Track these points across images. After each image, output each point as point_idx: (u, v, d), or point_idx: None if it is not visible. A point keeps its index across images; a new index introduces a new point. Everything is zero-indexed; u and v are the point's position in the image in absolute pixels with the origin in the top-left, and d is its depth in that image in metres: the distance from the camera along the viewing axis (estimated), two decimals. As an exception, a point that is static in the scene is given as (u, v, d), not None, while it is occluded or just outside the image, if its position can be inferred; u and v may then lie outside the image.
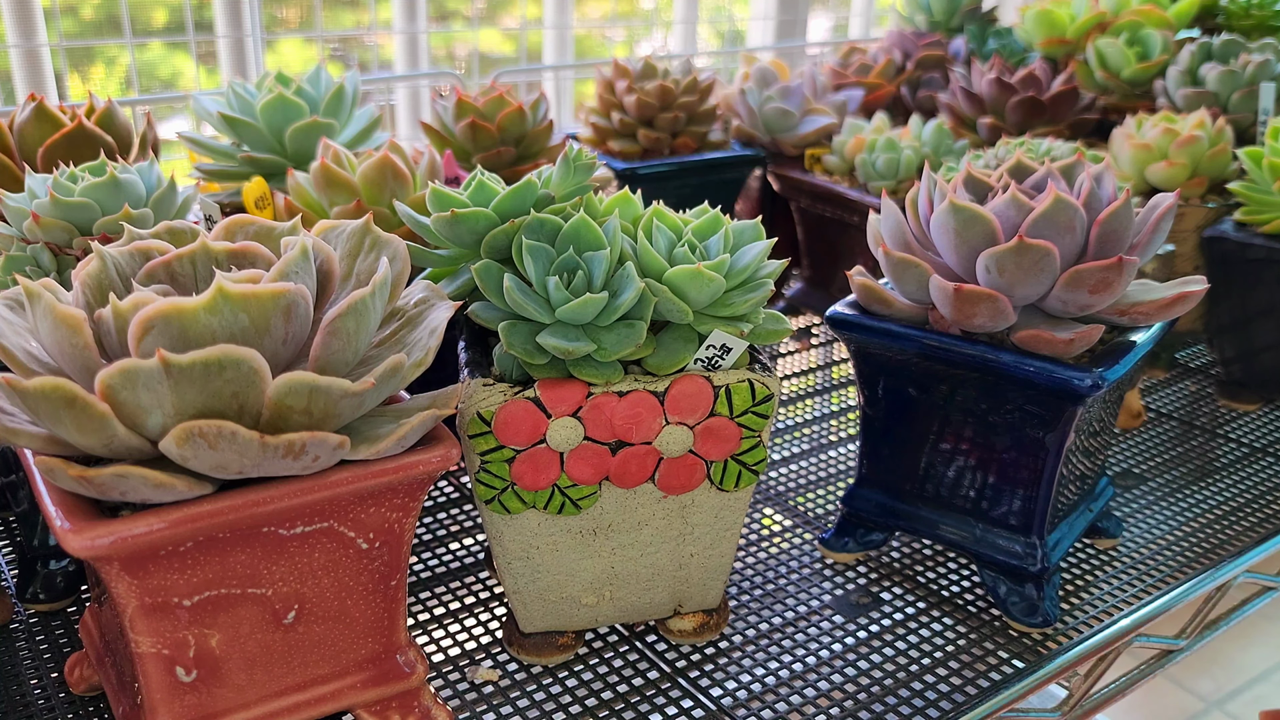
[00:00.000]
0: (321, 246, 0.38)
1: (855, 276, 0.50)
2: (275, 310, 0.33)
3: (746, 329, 0.42)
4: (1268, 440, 0.70)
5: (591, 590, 0.47)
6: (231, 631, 0.36)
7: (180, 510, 0.33)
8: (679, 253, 0.42)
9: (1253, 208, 0.69)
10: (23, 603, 0.50)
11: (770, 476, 0.64)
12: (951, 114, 0.89)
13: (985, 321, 0.46)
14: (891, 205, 0.49)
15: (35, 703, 0.44)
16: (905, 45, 1.03)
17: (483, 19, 1.20)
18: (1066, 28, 0.95)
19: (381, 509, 0.37)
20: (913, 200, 0.50)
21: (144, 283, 0.36)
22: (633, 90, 0.80)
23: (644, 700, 0.46)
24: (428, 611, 0.51)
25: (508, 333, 0.41)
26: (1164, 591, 0.53)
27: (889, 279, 0.49)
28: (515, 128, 0.70)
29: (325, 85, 0.69)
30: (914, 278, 0.47)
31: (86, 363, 0.32)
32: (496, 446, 0.41)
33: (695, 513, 0.46)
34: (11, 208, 0.48)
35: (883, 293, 0.49)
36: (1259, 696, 1.45)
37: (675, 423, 0.43)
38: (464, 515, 0.60)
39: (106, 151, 0.55)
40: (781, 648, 0.49)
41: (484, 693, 0.46)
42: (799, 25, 1.40)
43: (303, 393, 0.32)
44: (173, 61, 1.07)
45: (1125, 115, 0.79)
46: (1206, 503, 0.62)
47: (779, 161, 0.86)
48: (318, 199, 0.57)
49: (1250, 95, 0.81)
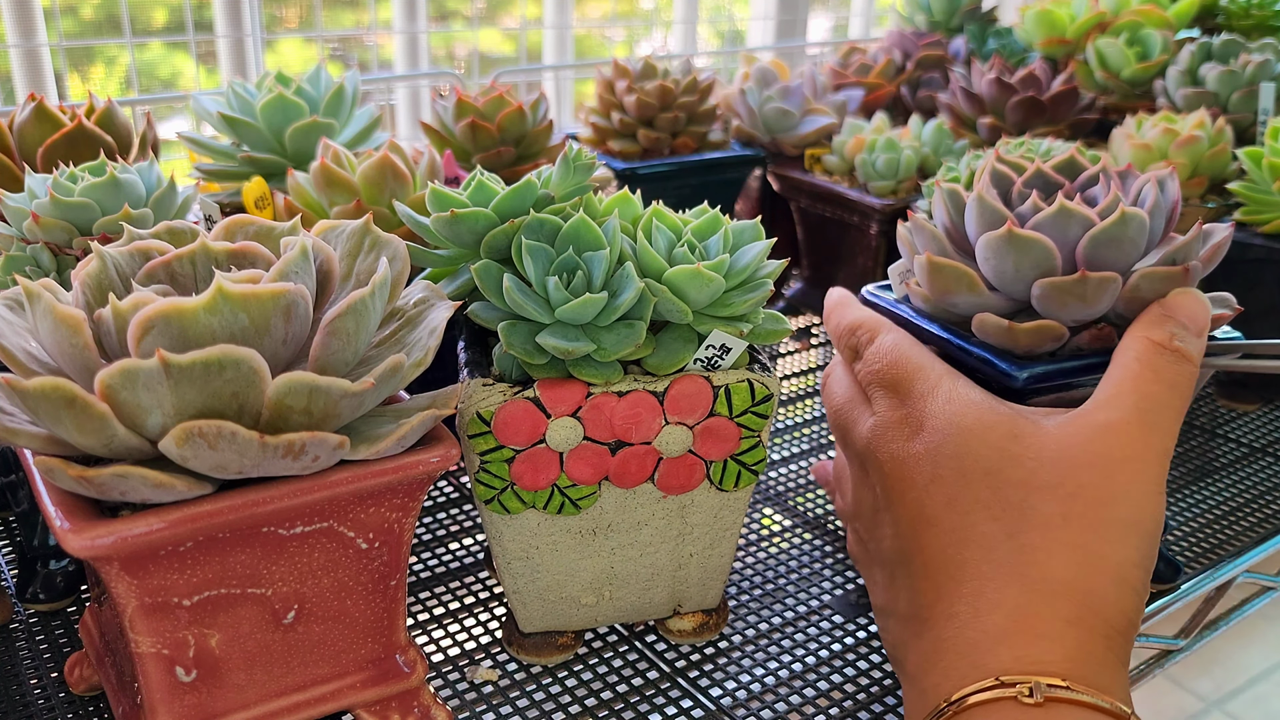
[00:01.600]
0: (321, 246, 0.38)
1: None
2: (275, 310, 0.33)
3: (746, 329, 0.42)
4: (1268, 440, 0.70)
5: (591, 590, 0.47)
6: (231, 631, 0.36)
7: (180, 510, 0.33)
8: (679, 253, 0.42)
9: (1252, 208, 0.69)
10: (23, 603, 0.50)
11: (770, 476, 0.64)
12: (951, 114, 0.89)
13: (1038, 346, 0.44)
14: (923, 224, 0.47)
15: (35, 703, 0.45)
16: (905, 45, 1.03)
17: (483, 19, 1.20)
18: (1066, 28, 0.95)
19: (381, 509, 0.37)
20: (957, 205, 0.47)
21: (144, 283, 0.36)
22: (633, 90, 0.80)
23: (644, 700, 0.46)
24: (427, 611, 0.51)
25: (507, 333, 0.41)
26: (1163, 591, 0.53)
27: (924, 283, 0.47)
28: (515, 128, 0.70)
29: (325, 85, 0.69)
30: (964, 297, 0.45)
31: (86, 363, 0.32)
32: (496, 446, 0.41)
33: (695, 513, 0.46)
34: (11, 208, 0.48)
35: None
36: (1259, 696, 1.45)
37: (675, 423, 0.43)
38: (464, 515, 0.60)
39: (106, 151, 0.55)
40: (781, 648, 0.49)
41: (484, 693, 0.46)
42: (799, 25, 1.40)
43: (303, 393, 0.32)
44: (173, 61, 1.07)
45: (1125, 115, 0.79)
46: (1206, 503, 0.62)
47: (779, 161, 0.86)
48: (318, 199, 0.57)
49: (1250, 95, 0.81)
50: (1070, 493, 0.38)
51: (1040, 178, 0.46)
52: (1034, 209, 0.44)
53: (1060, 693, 0.34)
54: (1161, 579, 0.53)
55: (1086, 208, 0.43)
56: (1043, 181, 0.46)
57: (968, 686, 0.35)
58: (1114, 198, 0.43)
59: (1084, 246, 0.42)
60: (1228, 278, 0.51)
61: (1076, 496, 0.38)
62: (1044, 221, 0.43)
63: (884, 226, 0.75)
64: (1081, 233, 0.42)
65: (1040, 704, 0.34)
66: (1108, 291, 0.42)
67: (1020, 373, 0.43)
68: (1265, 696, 1.45)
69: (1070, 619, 0.36)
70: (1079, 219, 0.42)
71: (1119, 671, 0.36)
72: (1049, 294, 0.42)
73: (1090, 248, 0.42)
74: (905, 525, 0.41)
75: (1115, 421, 0.39)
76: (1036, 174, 0.46)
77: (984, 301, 0.45)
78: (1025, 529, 0.38)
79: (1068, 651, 0.35)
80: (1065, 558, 0.37)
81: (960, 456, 0.40)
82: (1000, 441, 0.39)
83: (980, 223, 0.44)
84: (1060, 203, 0.42)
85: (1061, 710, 0.34)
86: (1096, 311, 0.43)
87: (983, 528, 0.38)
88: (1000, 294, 0.45)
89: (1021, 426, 0.40)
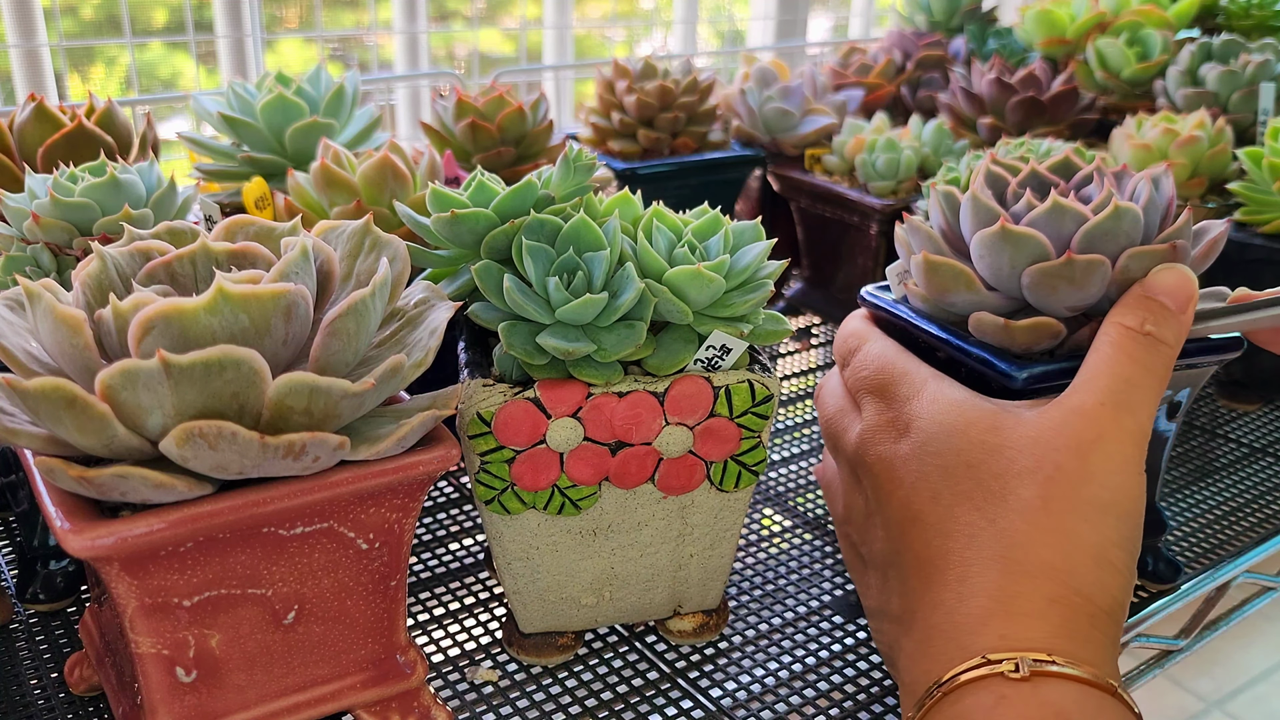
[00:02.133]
0: (321, 247, 0.38)
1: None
2: (275, 310, 0.33)
3: (746, 329, 0.42)
4: (1268, 440, 0.70)
5: (591, 591, 0.47)
6: (231, 632, 0.36)
7: (180, 510, 0.33)
8: (679, 253, 0.42)
9: (1252, 208, 0.69)
10: (23, 603, 0.50)
11: (770, 476, 0.64)
12: (951, 114, 0.89)
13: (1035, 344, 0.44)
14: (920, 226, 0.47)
15: (35, 703, 0.45)
16: (905, 45, 1.03)
17: (483, 19, 1.20)
18: (1066, 28, 0.95)
19: (381, 509, 0.37)
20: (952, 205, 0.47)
21: (144, 283, 0.36)
22: (633, 90, 0.80)
23: (644, 700, 0.46)
24: (427, 612, 0.51)
25: (508, 333, 0.41)
26: (1163, 591, 0.53)
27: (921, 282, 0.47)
28: (515, 128, 0.70)
29: (325, 85, 0.69)
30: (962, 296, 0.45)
31: (86, 363, 0.32)
32: (496, 447, 0.41)
33: (695, 513, 0.46)
34: (11, 208, 0.48)
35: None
36: (1259, 696, 1.45)
37: (675, 423, 0.43)
38: (464, 515, 0.60)
39: (106, 151, 0.55)
40: (781, 648, 0.49)
41: (484, 693, 0.46)
42: (799, 25, 1.40)
43: (303, 393, 0.32)
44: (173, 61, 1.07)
45: (1125, 115, 0.79)
46: (1206, 503, 0.62)
47: (779, 161, 0.86)
48: (318, 199, 0.57)
49: (1250, 95, 0.81)
50: (1048, 476, 0.38)
51: (1035, 178, 0.46)
52: (1028, 207, 0.44)
53: (1046, 666, 0.34)
54: (1161, 579, 0.53)
55: (1079, 204, 0.43)
56: (1037, 182, 0.46)
57: (955, 667, 0.36)
58: (1107, 194, 0.43)
59: (1078, 240, 0.42)
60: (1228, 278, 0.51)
61: (1054, 480, 0.38)
62: (1038, 218, 0.43)
63: (884, 227, 0.75)
64: (1075, 228, 0.43)
65: (1026, 678, 0.34)
66: (1097, 274, 0.42)
67: (1020, 373, 0.43)
68: (1265, 696, 1.45)
69: (1052, 598, 0.36)
70: (1072, 214, 0.43)
71: (1106, 649, 0.36)
72: (1038, 280, 0.43)
73: (1084, 241, 0.42)
74: (894, 525, 0.41)
75: (1088, 404, 0.39)
76: (1031, 175, 0.46)
77: (981, 300, 0.45)
78: (1005, 514, 0.38)
79: (1052, 628, 0.36)
80: (1045, 540, 0.37)
81: (944, 454, 0.40)
82: (981, 435, 0.40)
83: (975, 221, 0.45)
84: (1054, 199, 0.43)
85: (1049, 683, 0.34)
86: (1089, 297, 0.43)
87: (965, 518, 0.39)
88: (998, 293, 0.45)
89: (1001, 419, 0.40)
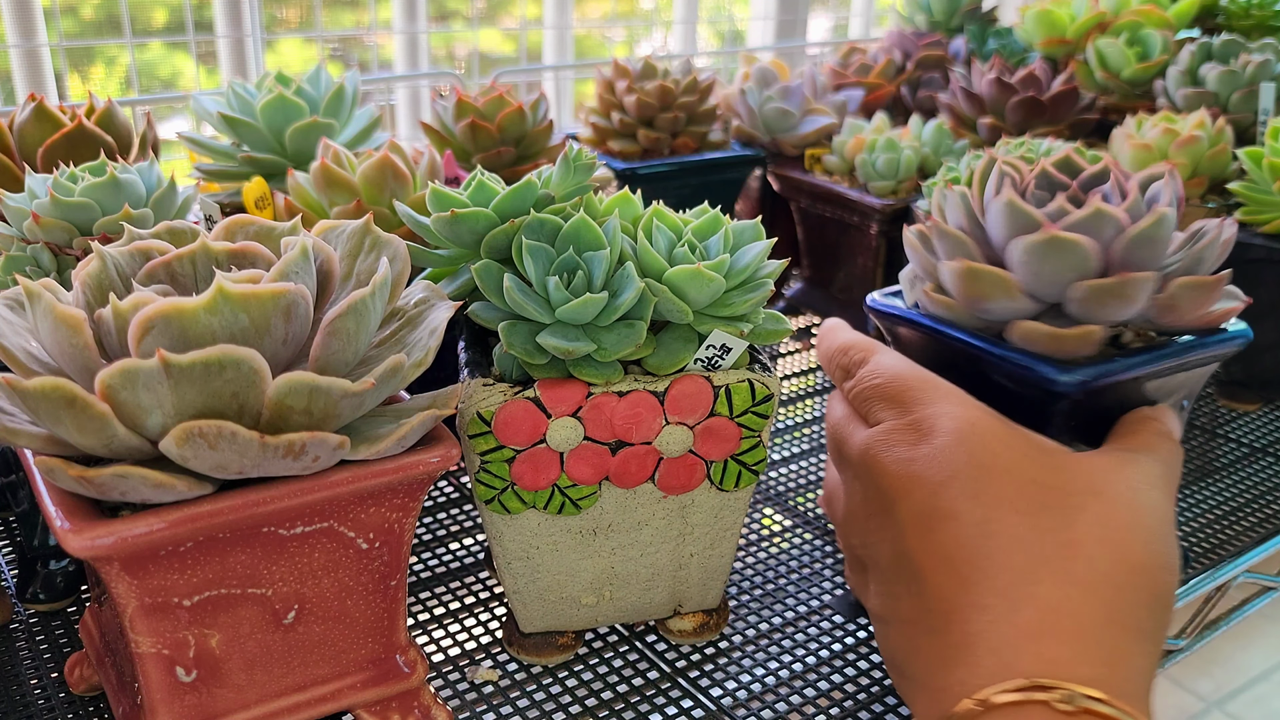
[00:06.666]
0: (321, 246, 0.38)
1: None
2: (275, 310, 0.33)
3: (746, 329, 0.42)
4: (1268, 440, 0.70)
5: (591, 590, 0.47)
6: (231, 632, 0.36)
7: (180, 510, 0.33)
8: (679, 253, 0.42)
9: (1253, 208, 0.69)
10: (23, 603, 0.50)
11: (770, 476, 0.64)
12: (951, 114, 0.89)
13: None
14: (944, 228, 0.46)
15: (35, 703, 0.44)
16: (905, 45, 1.03)
17: (483, 19, 1.20)
18: (1066, 28, 0.95)
19: (381, 509, 0.38)
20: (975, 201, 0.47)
21: (144, 283, 0.36)
22: (633, 90, 0.80)
23: (644, 700, 0.46)
24: (428, 611, 0.51)
25: (508, 333, 0.41)
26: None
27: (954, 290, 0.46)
28: (515, 128, 0.70)
29: (325, 85, 0.69)
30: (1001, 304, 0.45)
31: (86, 363, 0.32)
32: (496, 446, 0.41)
33: (695, 513, 0.46)
34: (11, 208, 0.48)
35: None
36: (1259, 696, 1.45)
37: (675, 423, 0.43)
38: (464, 515, 0.60)
39: (106, 151, 0.55)
40: (781, 648, 0.49)
41: (484, 693, 0.46)
42: (799, 25, 1.40)
43: (303, 393, 0.32)
44: (173, 61, 1.07)
45: (1125, 115, 0.79)
46: (1206, 503, 0.62)
47: (779, 161, 0.86)
48: (318, 199, 0.57)
49: (1250, 95, 0.81)
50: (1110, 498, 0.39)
51: (1045, 178, 0.46)
52: (1062, 211, 0.43)
53: (1098, 707, 0.33)
54: None
55: (1118, 209, 0.43)
56: (1048, 182, 0.46)
57: (997, 684, 0.34)
58: (1135, 198, 0.43)
59: (1120, 247, 0.42)
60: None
61: (1114, 503, 0.39)
62: (1078, 224, 0.43)
63: (884, 226, 0.75)
64: (1113, 234, 0.43)
65: (1075, 714, 0.33)
66: (1146, 291, 0.42)
67: (1067, 376, 0.42)
68: (1265, 696, 1.45)
69: (1105, 620, 0.36)
70: (1112, 220, 0.42)
71: (1147, 678, 0.36)
72: (1091, 296, 0.42)
73: (1126, 249, 0.42)
74: (910, 525, 0.41)
75: (1139, 457, 0.42)
76: (1042, 174, 0.46)
77: (1019, 308, 0.44)
78: (1062, 526, 0.38)
79: (1103, 655, 0.35)
80: (1104, 556, 0.37)
81: (977, 454, 0.40)
82: (1021, 447, 0.41)
83: (1011, 227, 0.44)
84: (1096, 205, 0.42)
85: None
86: (1133, 312, 0.43)
87: (1010, 519, 0.39)
88: (1035, 300, 0.44)
89: (1042, 441, 0.42)
